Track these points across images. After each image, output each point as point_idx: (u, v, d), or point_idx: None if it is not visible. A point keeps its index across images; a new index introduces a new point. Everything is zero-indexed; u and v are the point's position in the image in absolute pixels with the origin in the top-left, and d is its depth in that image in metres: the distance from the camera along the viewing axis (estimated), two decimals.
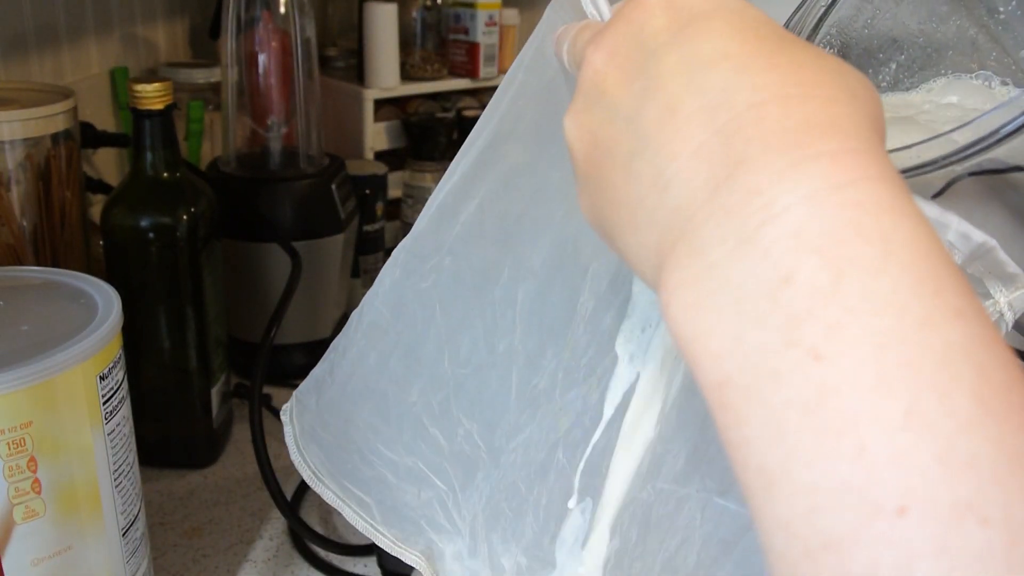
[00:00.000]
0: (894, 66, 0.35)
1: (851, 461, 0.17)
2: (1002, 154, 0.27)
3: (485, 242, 0.36)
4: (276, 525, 0.63)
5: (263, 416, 0.62)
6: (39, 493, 0.38)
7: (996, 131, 0.26)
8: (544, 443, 0.36)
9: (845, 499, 0.17)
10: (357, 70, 1.02)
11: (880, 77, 0.36)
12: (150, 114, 0.60)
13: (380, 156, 1.02)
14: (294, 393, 0.45)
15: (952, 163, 0.27)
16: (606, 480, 0.34)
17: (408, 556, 0.41)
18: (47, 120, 0.61)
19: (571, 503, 0.35)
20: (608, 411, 0.34)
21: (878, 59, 0.36)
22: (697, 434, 0.31)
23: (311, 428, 0.43)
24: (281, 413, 0.46)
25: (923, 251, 0.18)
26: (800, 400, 0.17)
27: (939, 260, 0.18)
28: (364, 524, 0.42)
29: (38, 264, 0.62)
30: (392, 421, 0.40)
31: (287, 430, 0.45)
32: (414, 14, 1.03)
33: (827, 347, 0.17)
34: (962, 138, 0.27)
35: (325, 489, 0.42)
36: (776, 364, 0.18)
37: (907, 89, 0.35)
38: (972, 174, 0.29)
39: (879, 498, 0.16)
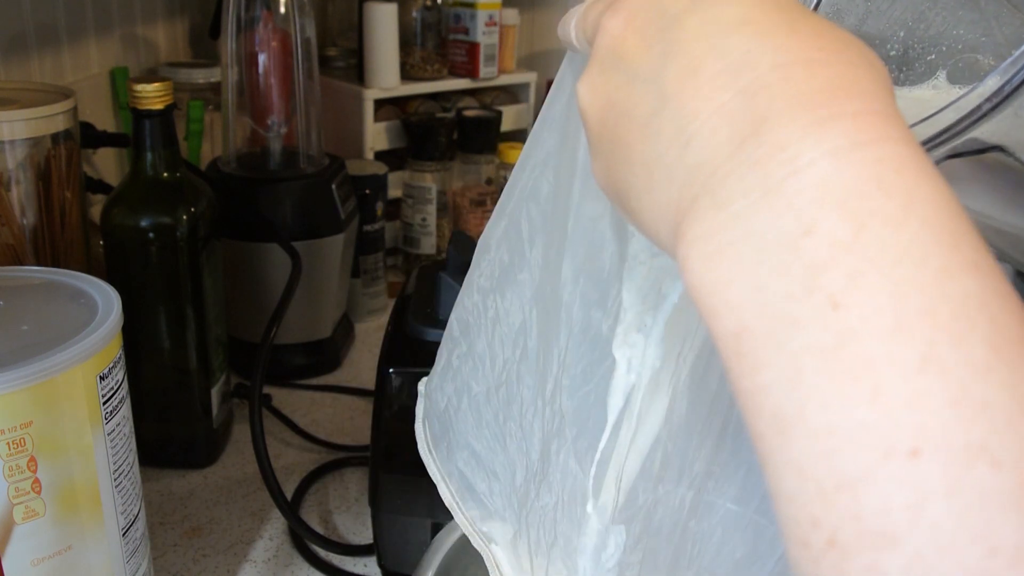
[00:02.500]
0: (902, 33, 0.34)
1: (867, 403, 0.17)
2: (981, 134, 0.27)
3: (518, 242, 0.37)
4: (276, 525, 0.63)
5: (263, 416, 0.62)
6: (39, 493, 0.38)
7: (978, 107, 0.26)
8: (557, 448, 0.36)
9: (860, 440, 0.17)
10: (357, 70, 1.02)
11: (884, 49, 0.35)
12: (150, 114, 0.60)
13: (380, 156, 1.02)
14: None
15: (946, 140, 0.27)
16: (620, 486, 0.34)
17: (476, 540, 0.42)
18: (47, 120, 0.61)
19: (588, 508, 0.35)
20: (612, 416, 0.34)
21: (880, 40, 0.35)
22: (702, 438, 0.31)
23: (435, 406, 0.44)
24: (420, 384, 0.46)
25: (942, 207, 0.18)
26: (818, 345, 0.18)
27: (957, 216, 0.19)
28: (450, 500, 0.43)
29: (38, 264, 0.62)
30: (474, 414, 0.41)
31: (420, 401, 0.46)
32: (414, 14, 1.03)
33: (846, 295, 0.18)
34: (946, 118, 0.27)
35: (431, 462, 0.44)
36: (795, 311, 0.18)
37: (905, 81, 0.34)
38: (949, 157, 0.29)
39: (893, 439, 0.17)
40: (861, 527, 0.17)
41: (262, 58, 0.80)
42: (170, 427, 0.68)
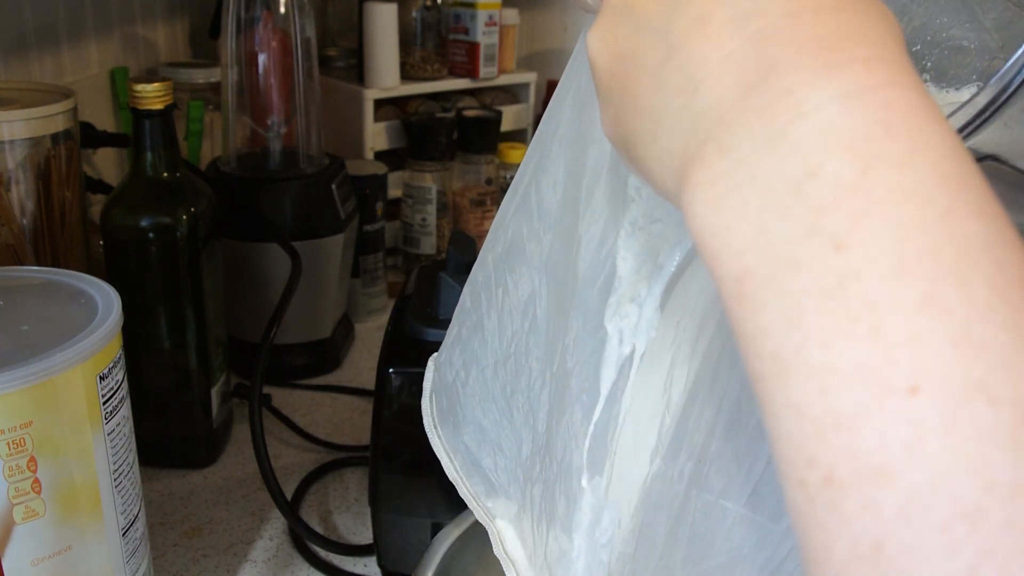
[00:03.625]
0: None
1: (867, 342, 0.17)
2: (975, 144, 0.28)
3: (528, 214, 0.38)
4: (276, 525, 0.63)
5: (263, 416, 0.62)
6: (39, 493, 0.38)
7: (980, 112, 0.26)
8: (559, 419, 0.36)
9: (858, 379, 0.17)
10: (357, 70, 1.02)
11: None
12: (150, 114, 0.60)
13: (380, 156, 1.02)
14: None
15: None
16: (614, 460, 0.34)
17: (480, 515, 0.42)
18: (47, 120, 0.61)
19: (583, 482, 0.35)
20: (604, 389, 0.34)
21: None
22: (702, 408, 0.31)
23: (443, 380, 0.44)
24: (430, 359, 0.46)
25: (949, 152, 0.18)
26: (819, 286, 0.18)
27: (963, 161, 0.18)
28: (455, 476, 0.43)
29: (38, 264, 0.62)
30: (481, 387, 0.42)
31: (428, 375, 0.46)
32: (414, 14, 1.03)
33: (850, 236, 0.18)
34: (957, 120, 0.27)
35: (436, 438, 0.44)
36: (797, 253, 0.18)
37: None
38: None
39: (892, 377, 0.17)
40: (858, 464, 0.17)
41: (262, 58, 0.80)
42: (170, 427, 0.67)
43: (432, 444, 0.44)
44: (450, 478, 0.43)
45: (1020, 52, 0.26)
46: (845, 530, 0.17)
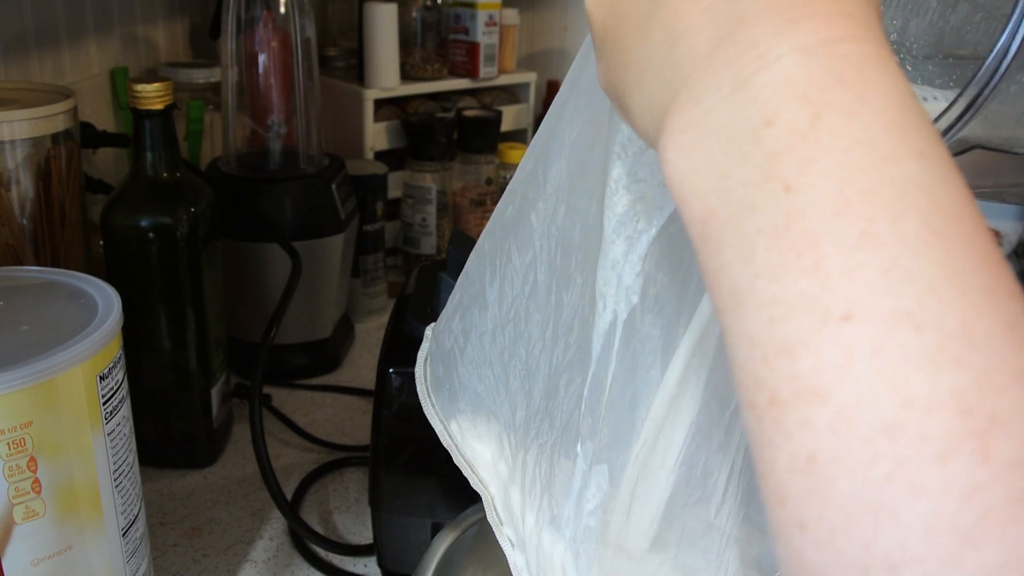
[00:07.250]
0: None
1: (808, 275, 0.19)
2: (964, 136, 0.28)
3: (535, 181, 0.38)
4: (276, 525, 0.63)
5: (263, 416, 0.62)
6: (39, 493, 0.38)
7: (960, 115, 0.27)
8: (567, 382, 0.36)
9: (800, 308, 0.19)
10: (357, 70, 1.02)
11: None
12: (150, 114, 0.60)
13: (380, 156, 1.02)
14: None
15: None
16: (602, 427, 0.34)
17: (474, 482, 0.42)
18: (47, 120, 0.61)
19: (579, 447, 0.35)
20: (595, 351, 0.34)
21: None
22: (687, 371, 0.31)
23: (441, 347, 0.45)
24: (427, 328, 0.47)
25: (897, 100, 0.20)
26: (770, 225, 0.19)
27: (910, 109, 0.20)
28: (449, 443, 0.43)
29: (38, 264, 0.62)
30: (478, 353, 0.42)
31: (424, 343, 0.46)
32: (414, 14, 1.03)
33: (799, 178, 0.19)
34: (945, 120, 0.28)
35: (430, 407, 0.44)
36: (753, 196, 0.20)
37: None
38: None
39: (829, 306, 0.18)
40: (797, 385, 0.18)
41: (262, 58, 0.80)
42: (170, 427, 0.68)
43: (425, 412, 0.44)
44: (444, 445, 0.43)
45: (991, 58, 0.27)
46: (786, 445, 0.18)
